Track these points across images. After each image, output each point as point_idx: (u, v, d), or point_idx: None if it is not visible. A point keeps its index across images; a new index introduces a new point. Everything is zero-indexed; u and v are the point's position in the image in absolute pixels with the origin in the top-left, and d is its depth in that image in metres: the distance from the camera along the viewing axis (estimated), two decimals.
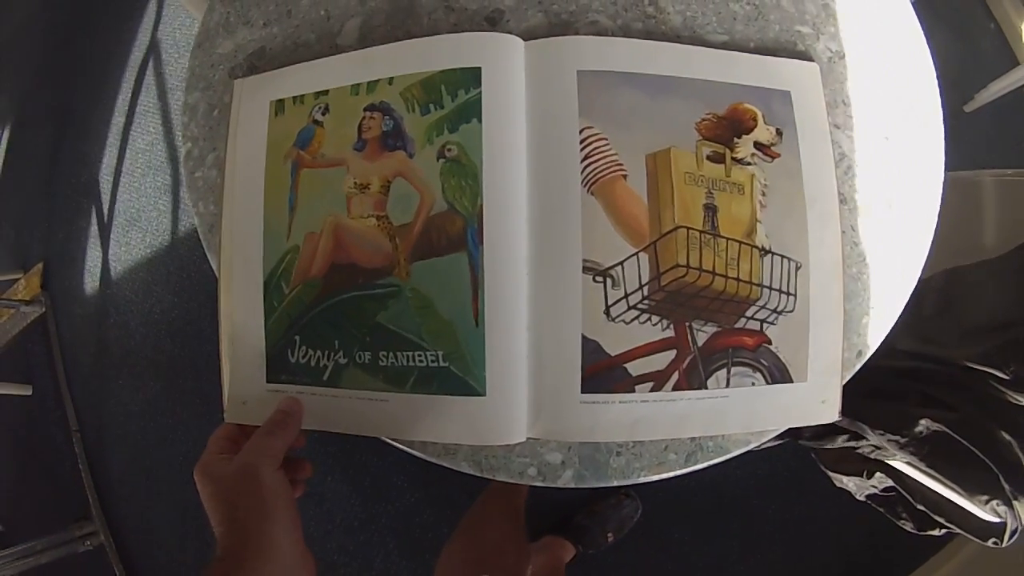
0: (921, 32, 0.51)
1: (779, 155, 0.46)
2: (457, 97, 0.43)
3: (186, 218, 0.43)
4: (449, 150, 0.43)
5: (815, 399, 0.46)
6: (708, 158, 0.44)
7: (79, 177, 1.43)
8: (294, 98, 0.48)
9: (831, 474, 0.79)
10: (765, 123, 0.46)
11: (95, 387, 1.35)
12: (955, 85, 1.31)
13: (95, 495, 1.29)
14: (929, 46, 0.51)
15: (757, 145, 0.45)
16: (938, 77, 0.51)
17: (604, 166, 0.43)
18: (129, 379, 1.34)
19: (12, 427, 1.38)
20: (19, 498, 1.35)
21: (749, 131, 0.45)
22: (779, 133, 0.46)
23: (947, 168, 0.51)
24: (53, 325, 1.36)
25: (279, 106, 0.49)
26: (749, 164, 0.45)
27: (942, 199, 0.50)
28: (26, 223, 1.46)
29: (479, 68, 0.43)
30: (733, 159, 0.45)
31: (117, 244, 1.38)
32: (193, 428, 1.29)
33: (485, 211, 0.42)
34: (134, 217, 1.38)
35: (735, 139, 0.45)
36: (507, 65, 0.44)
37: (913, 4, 0.52)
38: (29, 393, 1.35)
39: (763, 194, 0.45)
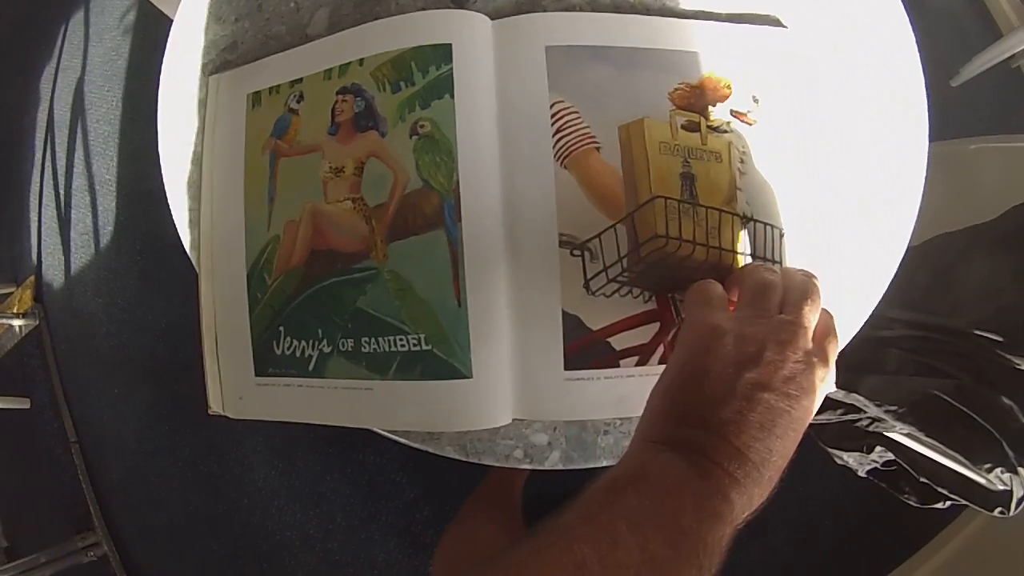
0: (905, 13, 0.51)
1: (756, 122, 0.45)
2: (428, 74, 0.43)
3: (173, 224, 0.43)
4: (422, 126, 0.42)
5: None
6: (683, 127, 0.44)
7: (67, 188, 1.43)
8: (270, 89, 0.48)
9: (831, 451, 0.79)
10: (740, 90, 0.45)
11: (92, 397, 1.35)
12: (941, 60, 1.31)
13: (96, 506, 1.29)
14: (908, 14, 0.51)
15: (733, 113, 0.45)
16: (919, 46, 0.50)
17: (576, 139, 0.43)
18: (125, 387, 1.33)
19: (11, 441, 1.38)
20: (21, 511, 1.34)
21: (724, 99, 0.45)
22: (755, 100, 0.45)
23: (933, 139, 0.50)
24: (48, 337, 1.36)
25: (256, 98, 0.49)
26: (726, 132, 0.44)
27: (929, 167, 0.50)
28: (16, 236, 1.45)
29: (449, 44, 0.43)
30: (709, 127, 0.44)
31: (107, 253, 1.38)
32: (190, 433, 1.29)
33: (462, 187, 0.41)
34: (123, 225, 1.37)
35: (710, 107, 0.44)
36: (476, 42, 0.44)
37: None
38: (27, 406, 1.35)
39: (742, 161, 0.44)
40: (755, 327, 0.33)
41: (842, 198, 0.48)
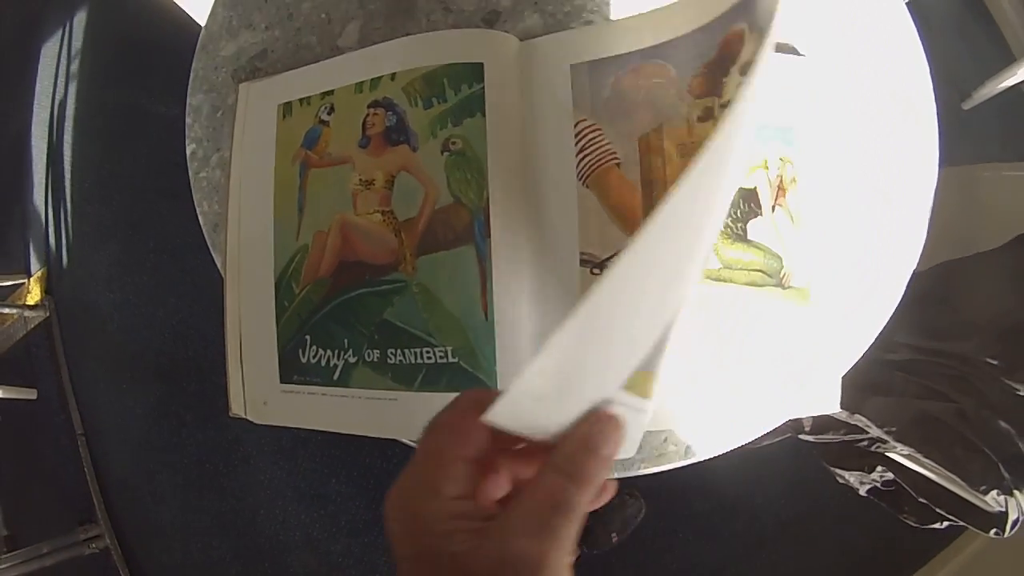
0: (914, 27, 0.52)
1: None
2: (460, 91, 0.44)
3: (188, 222, 0.44)
4: (454, 143, 0.43)
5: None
6: (698, 119, 0.43)
7: (82, 182, 1.44)
8: (301, 100, 0.49)
9: (833, 470, 0.80)
10: (750, 33, 0.40)
11: (99, 391, 1.35)
12: (953, 83, 1.32)
13: (100, 498, 1.29)
14: (922, 39, 0.52)
15: (743, 71, 0.41)
16: (932, 72, 0.52)
17: (598, 157, 0.44)
18: (133, 383, 1.34)
19: (18, 431, 1.38)
20: (25, 502, 1.34)
21: (736, 56, 0.41)
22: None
23: (944, 164, 0.51)
24: (57, 329, 1.37)
25: (287, 109, 0.50)
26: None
27: (938, 193, 0.51)
28: (30, 228, 1.46)
29: (481, 64, 0.44)
30: (721, 106, 0.42)
31: (120, 249, 1.39)
32: (197, 430, 1.30)
33: (492, 204, 0.42)
34: (137, 222, 1.38)
35: (723, 79, 0.42)
36: (505, 62, 0.45)
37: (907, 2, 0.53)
38: (34, 397, 1.35)
39: None
40: None
41: (854, 220, 0.49)
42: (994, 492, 0.59)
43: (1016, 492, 0.60)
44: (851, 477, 0.77)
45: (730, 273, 0.44)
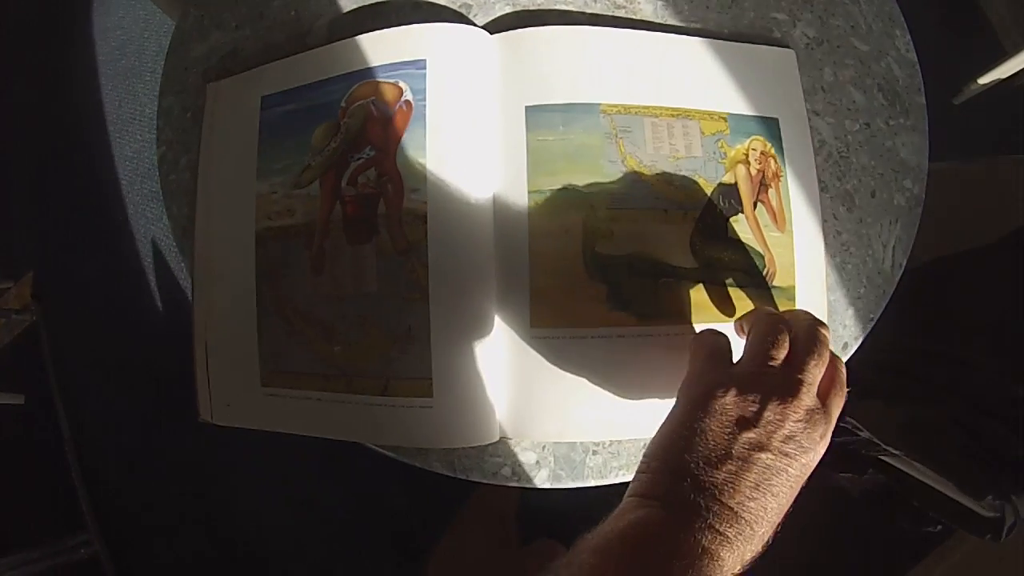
0: (901, 16, 0.51)
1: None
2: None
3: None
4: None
5: None
6: None
7: (68, 186, 1.43)
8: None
9: (825, 472, 0.78)
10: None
11: (87, 396, 1.34)
12: (943, 78, 1.30)
13: (89, 504, 1.29)
14: (912, 36, 0.51)
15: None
16: (922, 65, 0.50)
17: None
18: (121, 387, 1.33)
19: (5, 436, 1.37)
20: (13, 508, 1.34)
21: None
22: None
23: (934, 159, 0.50)
24: (44, 334, 1.36)
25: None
26: None
27: (930, 189, 0.50)
28: (15, 232, 1.45)
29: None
30: None
31: (107, 252, 1.38)
32: (185, 436, 1.28)
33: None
34: (123, 225, 1.37)
35: None
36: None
37: None
38: (21, 402, 1.34)
39: None
40: (757, 385, 0.33)
41: (841, 219, 0.48)
42: (989, 497, 0.58)
43: (1012, 497, 0.58)
44: (843, 480, 0.76)
45: (710, 273, 0.43)
